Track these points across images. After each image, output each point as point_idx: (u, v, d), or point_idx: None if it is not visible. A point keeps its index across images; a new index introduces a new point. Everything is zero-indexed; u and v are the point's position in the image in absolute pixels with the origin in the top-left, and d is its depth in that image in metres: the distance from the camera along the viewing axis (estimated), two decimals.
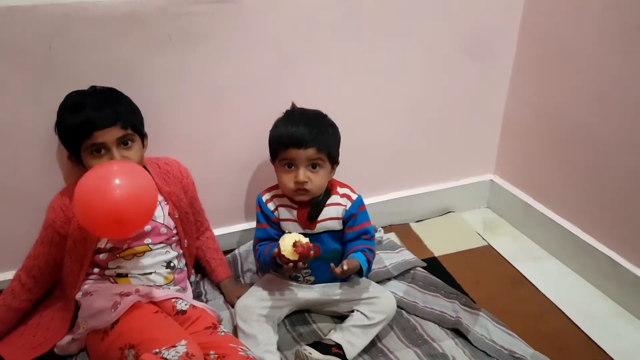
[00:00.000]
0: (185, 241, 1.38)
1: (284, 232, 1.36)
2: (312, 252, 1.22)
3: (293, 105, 1.38)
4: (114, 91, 1.27)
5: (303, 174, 1.27)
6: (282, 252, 1.21)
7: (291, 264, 1.21)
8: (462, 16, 1.62)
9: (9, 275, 1.40)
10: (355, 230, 1.36)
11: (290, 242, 1.21)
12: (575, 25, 1.53)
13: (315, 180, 1.29)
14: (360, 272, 1.28)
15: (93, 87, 1.27)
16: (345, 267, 1.22)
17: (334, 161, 1.34)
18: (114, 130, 1.20)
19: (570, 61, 1.56)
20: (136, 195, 1.05)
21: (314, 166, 1.29)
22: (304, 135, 1.26)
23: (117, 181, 1.03)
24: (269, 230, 1.37)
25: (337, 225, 1.36)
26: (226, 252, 1.59)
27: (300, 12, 1.45)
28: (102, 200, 1.02)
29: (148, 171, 1.26)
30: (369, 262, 1.31)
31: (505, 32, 1.71)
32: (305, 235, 1.27)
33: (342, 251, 1.38)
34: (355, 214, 1.36)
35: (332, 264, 1.24)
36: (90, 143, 1.19)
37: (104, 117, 1.18)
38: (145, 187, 1.09)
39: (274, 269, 1.35)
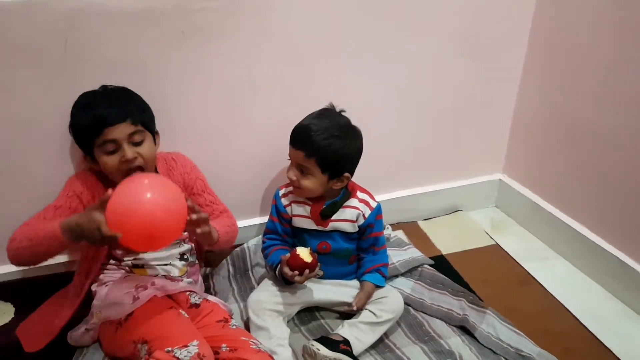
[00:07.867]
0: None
1: (294, 229, 1.39)
2: (318, 270, 1.28)
3: (329, 105, 1.37)
4: (124, 90, 1.29)
5: (292, 172, 1.31)
6: (298, 252, 1.25)
7: (295, 272, 1.25)
8: (473, 14, 1.62)
9: None
10: (370, 239, 1.39)
11: (306, 249, 1.28)
12: (586, 24, 1.53)
13: (302, 182, 1.30)
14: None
15: (104, 87, 1.28)
16: (360, 304, 1.31)
17: (329, 171, 1.29)
18: (124, 126, 1.20)
19: (581, 60, 1.56)
20: (168, 209, 1.03)
21: (299, 168, 1.30)
22: (297, 135, 1.30)
23: (148, 195, 1.01)
24: (277, 224, 1.40)
25: (350, 227, 1.37)
26: (236, 246, 1.59)
27: (313, 9, 1.45)
28: (137, 216, 1.00)
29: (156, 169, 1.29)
30: (385, 277, 1.39)
31: (516, 30, 1.71)
32: (316, 232, 1.28)
33: (354, 250, 1.40)
34: (373, 223, 1.37)
35: (345, 308, 1.33)
36: (102, 140, 1.20)
37: (113, 113, 1.20)
38: (177, 199, 1.06)
39: (273, 272, 1.34)
